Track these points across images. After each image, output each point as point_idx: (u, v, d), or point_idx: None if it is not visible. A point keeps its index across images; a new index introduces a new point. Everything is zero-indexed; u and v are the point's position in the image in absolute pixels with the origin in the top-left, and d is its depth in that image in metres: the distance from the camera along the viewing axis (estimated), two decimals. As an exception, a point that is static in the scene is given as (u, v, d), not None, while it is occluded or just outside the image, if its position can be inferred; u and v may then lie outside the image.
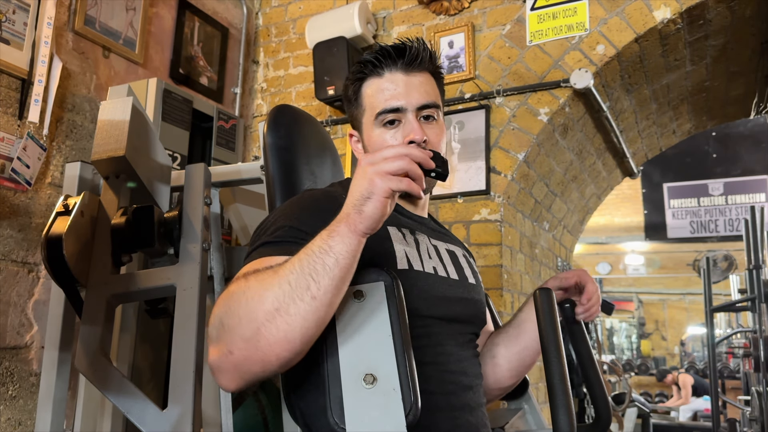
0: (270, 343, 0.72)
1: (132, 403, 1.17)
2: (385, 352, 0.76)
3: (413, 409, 0.73)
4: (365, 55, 1.04)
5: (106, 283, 1.29)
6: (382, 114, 1.00)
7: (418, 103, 1.00)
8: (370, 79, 1.03)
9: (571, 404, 0.74)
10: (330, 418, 0.74)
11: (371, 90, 1.02)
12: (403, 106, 0.99)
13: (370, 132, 1.03)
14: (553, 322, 0.84)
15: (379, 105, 1.00)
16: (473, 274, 1.11)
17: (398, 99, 1.00)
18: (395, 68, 1.01)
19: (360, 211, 0.73)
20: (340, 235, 0.73)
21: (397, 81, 1.01)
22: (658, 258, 9.29)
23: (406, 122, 1.00)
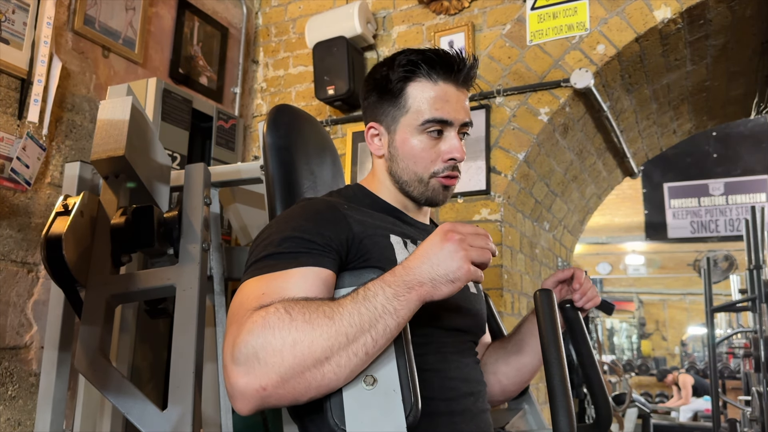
0: (310, 388, 0.72)
1: (132, 404, 1.17)
2: (386, 354, 0.76)
3: (413, 410, 0.73)
4: (420, 53, 1.00)
5: (106, 284, 1.29)
6: (430, 122, 0.98)
7: (463, 121, 1.00)
8: (420, 81, 0.99)
9: (571, 405, 0.74)
10: (330, 419, 0.74)
11: (420, 93, 0.99)
12: (452, 120, 0.99)
13: (407, 135, 1.00)
14: (553, 322, 0.84)
15: (428, 113, 0.98)
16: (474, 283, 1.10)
17: (449, 113, 0.98)
18: (449, 79, 1.00)
19: (436, 287, 0.76)
20: (408, 302, 0.75)
21: (450, 94, 0.99)
22: (658, 258, 9.29)
23: (448, 137, 0.99)
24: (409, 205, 1.07)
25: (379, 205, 1.04)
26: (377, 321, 0.73)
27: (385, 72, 1.01)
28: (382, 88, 1.02)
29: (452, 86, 1.00)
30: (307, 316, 0.72)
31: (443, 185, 1.01)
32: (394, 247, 0.94)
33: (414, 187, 1.02)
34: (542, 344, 0.83)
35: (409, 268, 0.77)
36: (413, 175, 1.01)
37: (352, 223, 0.92)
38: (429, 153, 0.99)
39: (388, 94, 1.01)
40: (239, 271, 1.64)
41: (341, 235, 0.89)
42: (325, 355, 0.71)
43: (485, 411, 0.99)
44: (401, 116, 1.00)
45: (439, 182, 1.01)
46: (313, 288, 0.80)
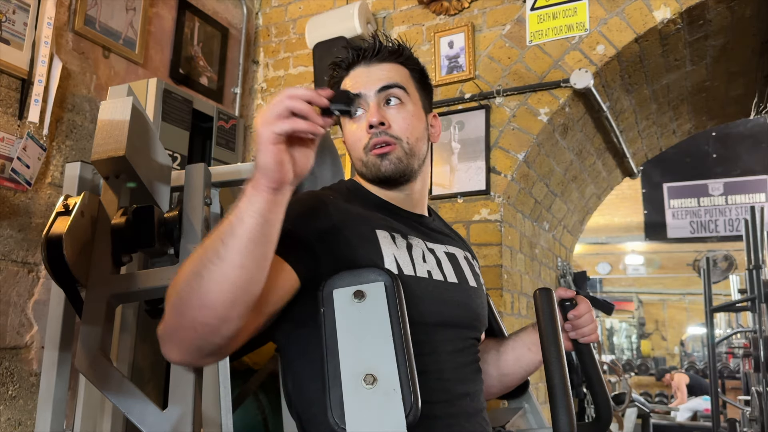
0: (190, 308, 0.73)
1: (132, 404, 1.17)
2: (386, 353, 0.76)
3: (413, 409, 0.73)
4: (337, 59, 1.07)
5: (107, 283, 1.29)
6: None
7: (377, 86, 1.01)
8: (344, 78, 1.05)
9: (571, 404, 0.74)
10: (330, 418, 0.74)
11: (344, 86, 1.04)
12: (363, 92, 1.01)
13: (344, 129, 1.05)
14: (553, 321, 0.84)
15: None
16: (474, 276, 1.10)
17: (358, 87, 1.01)
18: (358, 64, 1.04)
19: (257, 167, 0.72)
20: (246, 196, 0.73)
21: (358, 73, 1.03)
22: (658, 258, 9.29)
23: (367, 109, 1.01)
24: (394, 196, 1.06)
25: (371, 201, 1.05)
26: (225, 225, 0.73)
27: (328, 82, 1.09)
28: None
29: (362, 67, 1.04)
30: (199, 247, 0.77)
31: (375, 155, 1.00)
32: (379, 240, 0.94)
33: (365, 172, 1.04)
34: (542, 343, 0.84)
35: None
36: (357, 161, 1.04)
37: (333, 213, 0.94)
38: (356, 133, 1.02)
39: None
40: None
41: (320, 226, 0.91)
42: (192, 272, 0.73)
43: (481, 411, 0.99)
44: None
45: (373, 154, 1.01)
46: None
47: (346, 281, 0.81)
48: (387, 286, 0.80)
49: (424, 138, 1.06)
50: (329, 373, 0.76)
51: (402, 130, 1.01)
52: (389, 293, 0.79)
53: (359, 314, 0.79)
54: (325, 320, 0.79)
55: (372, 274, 0.81)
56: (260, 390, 2.13)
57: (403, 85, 1.03)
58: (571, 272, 3.24)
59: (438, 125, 1.14)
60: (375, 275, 0.81)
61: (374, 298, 0.79)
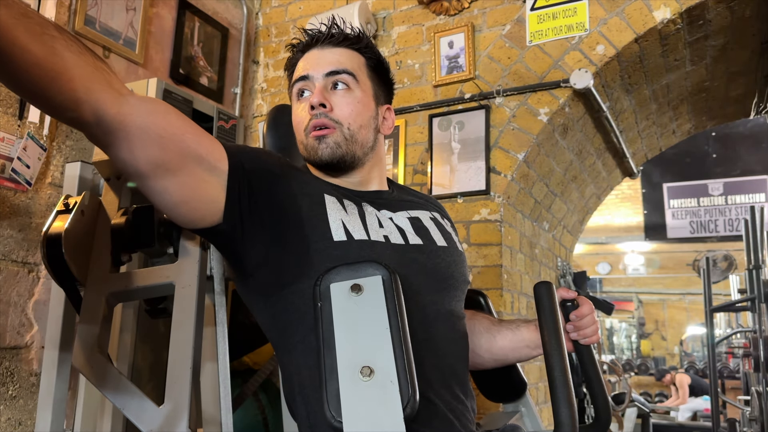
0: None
1: (128, 400, 1.17)
2: (383, 345, 0.75)
3: (411, 401, 0.72)
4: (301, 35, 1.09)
5: (105, 282, 1.29)
6: (293, 85, 1.04)
7: (326, 70, 1.01)
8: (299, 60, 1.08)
9: (572, 396, 0.74)
10: (327, 411, 0.73)
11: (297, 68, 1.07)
12: (310, 74, 1.02)
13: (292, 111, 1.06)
14: (553, 315, 0.84)
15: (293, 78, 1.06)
16: (444, 235, 1.05)
17: (307, 69, 1.03)
18: (312, 47, 1.06)
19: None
20: None
21: (310, 56, 1.05)
22: (657, 258, 9.29)
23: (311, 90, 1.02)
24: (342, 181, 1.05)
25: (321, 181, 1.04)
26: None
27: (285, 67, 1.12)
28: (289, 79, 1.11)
29: (315, 50, 1.05)
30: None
31: (315, 137, 1.00)
32: (326, 204, 0.94)
33: (305, 156, 1.04)
34: (542, 336, 0.83)
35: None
36: (299, 144, 1.04)
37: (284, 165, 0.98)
38: (299, 114, 1.02)
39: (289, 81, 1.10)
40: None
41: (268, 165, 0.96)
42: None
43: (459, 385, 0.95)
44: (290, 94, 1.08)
45: (312, 136, 1.00)
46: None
47: (343, 275, 0.81)
48: (384, 279, 0.80)
49: (369, 126, 1.04)
50: (326, 366, 0.76)
51: (344, 115, 1.00)
52: (387, 287, 0.79)
53: (356, 308, 0.78)
54: (322, 314, 0.79)
55: (369, 268, 0.81)
56: (260, 390, 2.13)
57: (353, 71, 1.03)
58: (571, 272, 3.24)
59: (391, 118, 1.12)
60: (372, 269, 0.81)
61: (371, 292, 0.79)
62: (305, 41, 1.06)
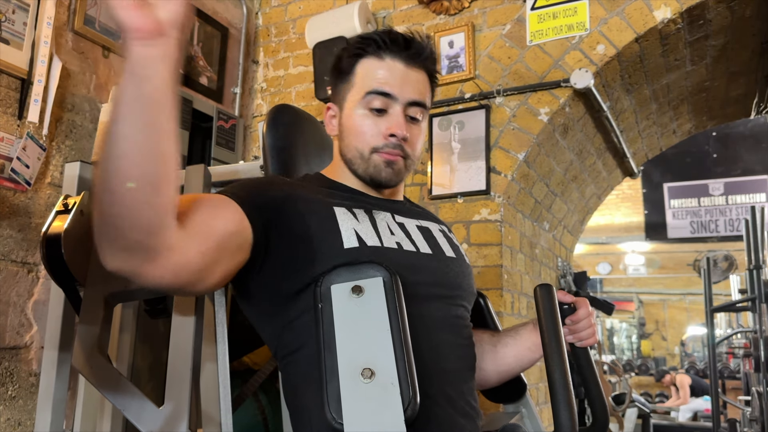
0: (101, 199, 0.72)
1: (129, 401, 1.17)
2: (384, 347, 0.75)
3: (411, 403, 0.72)
4: (370, 34, 1.00)
5: (105, 282, 1.29)
6: (371, 94, 0.97)
7: (410, 98, 0.98)
8: (368, 58, 0.99)
9: (572, 400, 0.74)
10: (327, 413, 0.73)
11: (366, 69, 0.99)
12: (395, 95, 0.97)
13: (351, 110, 1.00)
14: (553, 317, 0.84)
15: (370, 85, 0.97)
16: (453, 247, 1.06)
17: (392, 87, 0.97)
18: (397, 56, 0.98)
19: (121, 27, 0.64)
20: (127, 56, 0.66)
21: (395, 69, 0.98)
22: (658, 258, 9.29)
23: (392, 114, 0.97)
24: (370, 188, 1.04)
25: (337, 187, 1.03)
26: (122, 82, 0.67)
27: (340, 53, 1.03)
28: (337, 69, 1.03)
29: (400, 63, 0.98)
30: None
31: (385, 161, 0.98)
32: (337, 217, 0.92)
33: (357, 164, 1.01)
34: (543, 339, 0.83)
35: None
36: (355, 150, 1.00)
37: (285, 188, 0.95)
38: (370, 128, 0.98)
39: (340, 74, 1.02)
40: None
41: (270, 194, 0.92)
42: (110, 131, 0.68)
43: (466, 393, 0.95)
44: (348, 93, 1.01)
45: (381, 157, 0.98)
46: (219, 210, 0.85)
47: (344, 277, 0.81)
48: (385, 281, 0.80)
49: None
50: (327, 368, 0.76)
51: (414, 149, 1.00)
52: (387, 288, 0.79)
53: (357, 309, 0.78)
54: (323, 316, 0.79)
55: (371, 270, 0.81)
56: (260, 390, 2.13)
57: (426, 104, 1.02)
58: (572, 272, 3.24)
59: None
60: (374, 271, 0.81)
61: (372, 294, 0.79)
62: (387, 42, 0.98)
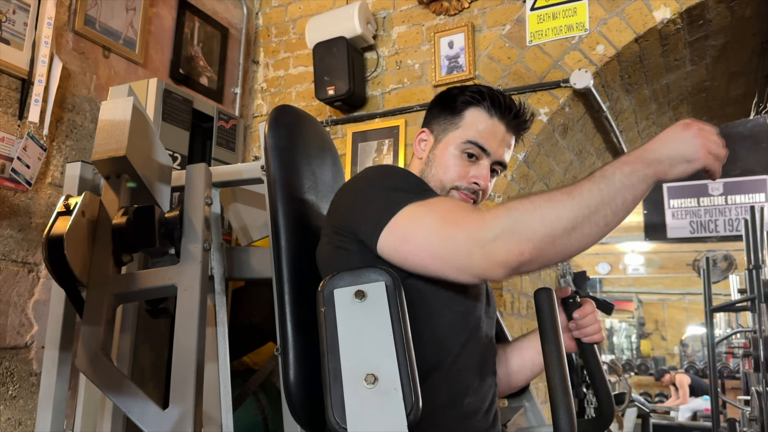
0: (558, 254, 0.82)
1: (133, 403, 1.17)
2: (387, 352, 0.76)
3: (414, 408, 0.73)
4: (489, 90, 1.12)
5: (107, 283, 1.29)
6: (470, 144, 1.09)
7: (499, 159, 1.11)
8: (480, 109, 1.11)
9: (571, 404, 0.74)
10: (331, 417, 0.74)
11: (476, 119, 1.11)
12: (490, 151, 1.10)
13: (448, 146, 1.11)
14: (553, 321, 0.84)
15: (473, 136, 1.09)
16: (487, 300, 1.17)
17: (490, 145, 1.09)
18: (504, 120, 1.11)
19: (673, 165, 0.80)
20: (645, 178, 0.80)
21: (499, 131, 1.11)
22: (657, 258, 9.29)
23: (481, 165, 1.10)
24: None
25: None
26: (616, 195, 0.79)
27: (455, 92, 1.14)
28: (446, 104, 1.15)
29: (503, 126, 1.11)
30: (546, 198, 0.82)
31: (461, 199, 1.10)
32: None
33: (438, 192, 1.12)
34: (542, 343, 0.84)
35: (647, 149, 0.82)
36: (438, 182, 1.11)
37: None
38: (459, 169, 1.10)
39: (448, 110, 1.14)
40: (240, 270, 1.65)
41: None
42: (571, 225, 0.79)
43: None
44: (451, 130, 1.12)
45: (459, 195, 1.10)
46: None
47: (346, 281, 0.81)
48: (388, 285, 0.80)
49: None
50: (330, 373, 0.76)
51: (484, 197, 1.13)
52: (390, 293, 0.79)
53: (360, 314, 0.79)
54: (326, 320, 0.79)
55: (373, 274, 0.81)
56: (260, 390, 2.13)
57: (507, 165, 1.15)
58: (571, 272, 3.24)
59: None
60: (376, 275, 0.81)
61: (375, 298, 0.79)
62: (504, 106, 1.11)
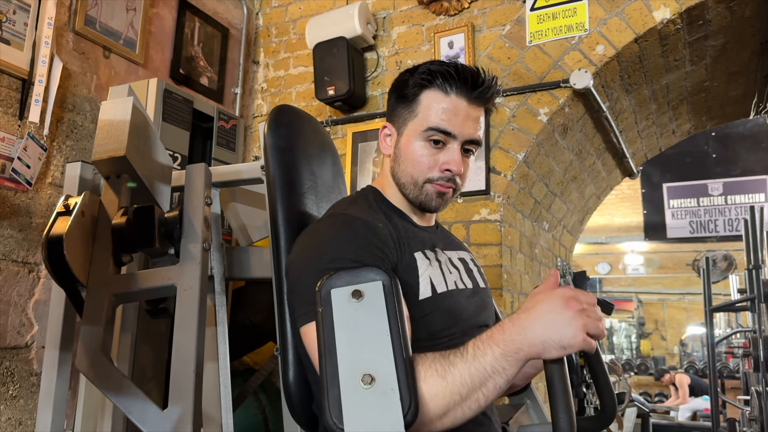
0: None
1: (132, 403, 1.17)
2: (384, 352, 0.76)
3: (411, 409, 0.73)
4: (440, 65, 1.02)
5: (107, 283, 1.29)
6: (432, 130, 1.01)
7: (469, 137, 1.02)
8: (434, 89, 1.02)
9: (571, 403, 0.74)
10: (328, 418, 0.74)
11: (431, 101, 1.02)
12: (455, 133, 1.01)
13: (410, 139, 1.03)
14: None
15: (433, 121, 1.01)
16: (482, 277, 1.15)
17: (454, 126, 1.00)
18: (462, 93, 1.01)
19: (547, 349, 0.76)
20: (517, 362, 0.77)
21: (459, 107, 1.01)
22: (657, 258, 9.29)
23: (450, 149, 1.02)
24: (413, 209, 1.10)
25: (393, 210, 1.08)
26: (487, 380, 0.77)
27: (406, 77, 1.06)
28: (400, 92, 1.06)
29: (464, 101, 1.01)
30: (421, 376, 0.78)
31: (437, 191, 1.04)
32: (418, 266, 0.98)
33: (409, 189, 1.06)
34: None
35: (521, 327, 0.78)
36: (410, 177, 1.05)
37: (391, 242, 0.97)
38: (428, 159, 1.02)
39: (403, 98, 1.06)
40: (240, 270, 1.65)
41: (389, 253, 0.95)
42: (442, 411, 0.78)
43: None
44: (410, 120, 1.04)
45: (434, 188, 1.03)
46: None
47: (344, 280, 0.81)
48: (385, 285, 0.80)
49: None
50: (327, 373, 0.76)
51: (463, 181, 1.06)
52: (387, 292, 0.79)
53: (357, 314, 0.78)
54: (323, 320, 0.79)
55: (370, 274, 0.81)
56: (260, 390, 2.13)
57: (481, 141, 1.06)
58: (571, 272, 3.24)
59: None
60: (373, 274, 0.81)
61: (372, 298, 0.79)
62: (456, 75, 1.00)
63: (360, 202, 1.08)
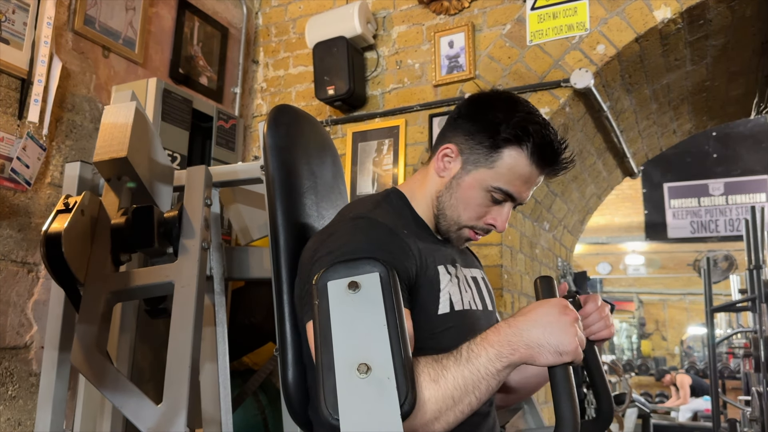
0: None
1: (126, 399, 1.17)
2: (380, 342, 0.75)
3: (408, 398, 0.72)
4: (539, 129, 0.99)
5: (105, 281, 1.29)
6: (499, 191, 1.01)
7: (523, 201, 1.05)
8: (521, 151, 0.99)
9: (574, 393, 0.73)
10: (324, 408, 0.72)
11: (514, 163, 0.99)
12: (517, 198, 1.03)
13: (475, 185, 1.01)
14: None
15: (505, 184, 1.00)
16: (491, 298, 1.15)
17: (520, 192, 1.02)
18: (543, 170, 1.02)
19: (542, 354, 0.76)
20: (511, 364, 0.77)
21: (533, 177, 1.02)
22: (658, 258, 9.28)
23: (504, 208, 1.03)
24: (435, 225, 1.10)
25: (414, 218, 1.07)
26: (480, 382, 0.77)
27: (500, 119, 1.00)
28: (486, 131, 1.01)
29: (539, 174, 1.02)
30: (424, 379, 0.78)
31: (469, 237, 1.06)
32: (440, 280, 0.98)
33: (447, 224, 1.06)
34: None
35: (518, 328, 0.78)
36: (455, 215, 1.04)
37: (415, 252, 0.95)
38: (480, 209, 1.03)
39: (487, 140, 1.01)
40: (239, 270, 1.64)
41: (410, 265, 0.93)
42: (434, 416, 0.77)
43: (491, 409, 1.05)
44: (483, 167, 1.01)
45: (469, 234, 1.05)
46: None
47: (341, 273, 0.81)
48: (382, 276, 0.79)
49: None
50: (323, 364, 0.75)
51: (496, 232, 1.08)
52: (384, 283, 0.79)
53: (354, 305, 0.78)
54: (320, 312, 0.78)
55: (367, 266, 0.80)
56: (260, 390, 2.13)
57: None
58: (572, 272, 3.24)
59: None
60: (370, 266, 0.80)
61: (369, 289, 0.78)
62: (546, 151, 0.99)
63: (384, 206, 1.05)
